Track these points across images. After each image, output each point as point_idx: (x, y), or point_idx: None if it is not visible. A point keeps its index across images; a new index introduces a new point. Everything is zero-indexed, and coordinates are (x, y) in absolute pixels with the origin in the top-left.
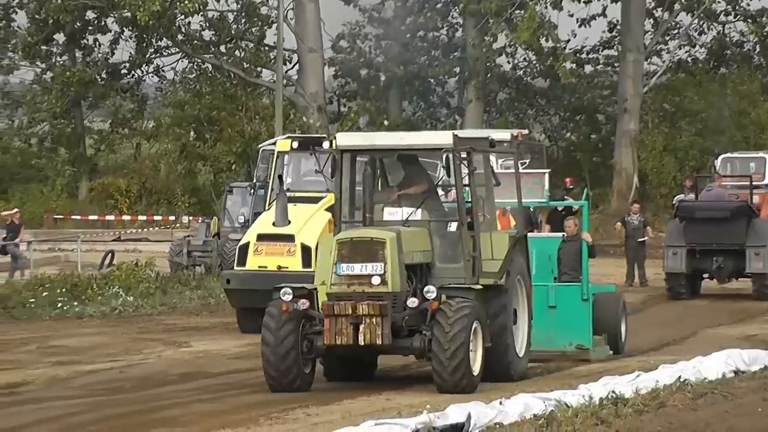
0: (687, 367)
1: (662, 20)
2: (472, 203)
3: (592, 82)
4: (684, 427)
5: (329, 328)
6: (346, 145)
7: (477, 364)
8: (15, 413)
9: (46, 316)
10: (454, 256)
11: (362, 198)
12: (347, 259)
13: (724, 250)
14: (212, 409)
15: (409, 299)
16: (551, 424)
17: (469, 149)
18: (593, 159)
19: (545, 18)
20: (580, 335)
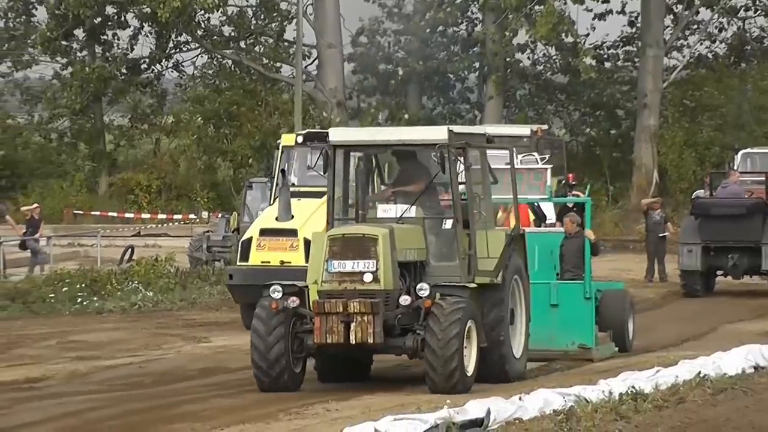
0: (707, 362)
1: (682, 15)
2: (467, 200)
3: (612, 78)
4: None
5: (320, 327)
6: (338, 141)
7: (471, 364)
8: (35, 408)
9: (66, 311)
10: (450, 254)
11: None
12: (339, 256)
13: (739, 247)
14: (231, 404)
15: (402, 297)
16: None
17: (464, 145)
18: (613, 154)
19: (565, 13)
20: (583, 334)
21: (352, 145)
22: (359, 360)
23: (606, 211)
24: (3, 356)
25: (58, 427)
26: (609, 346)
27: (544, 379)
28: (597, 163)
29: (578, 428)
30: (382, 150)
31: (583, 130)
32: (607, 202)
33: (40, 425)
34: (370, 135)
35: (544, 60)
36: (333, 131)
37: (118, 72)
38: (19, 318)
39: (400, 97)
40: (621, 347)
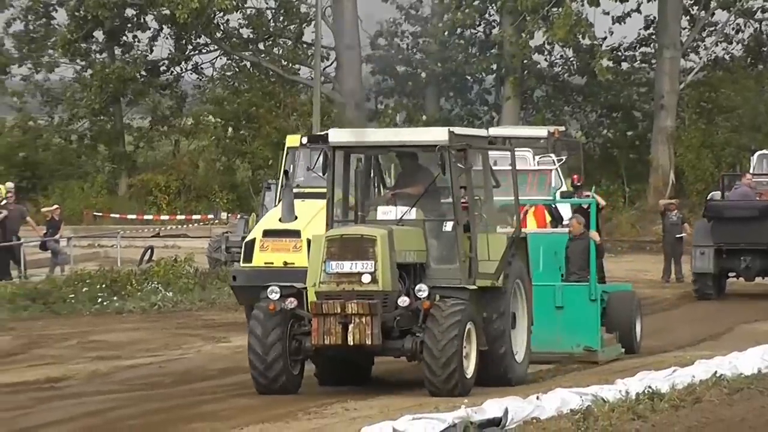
0: (723, 362)
1: (699, 17)
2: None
3: (629, 79)
4: (720, 422)
5: (317, 328)
6: (338, 142)
7: (471, 367)
8: (56, 407)
9: (86, 311)
10: (450, 257)
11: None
12: (337, 257)
13: (752, 250)
14: (251, 404)
15: (401, 298)
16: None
17: (465, 146)
18: (630, 155)
19: (582, 15)
20: (588, 336)
21: (352, 147)
22: (359, 362)
23: (623, 212)
24: (24, 356)
25: (79, 426)
26: (615, 348)
27: (561, 379)
28: (614, 165)
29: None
30: (383, 151)
31: (600, 132)
32: (624, 203)
33: (61, 425)
34: (369, 136)
35: (561, 62)
36: (332, 132)
37: (138, 74)
38: (40, 318)
39: (418, 99)
40: (629, 348)
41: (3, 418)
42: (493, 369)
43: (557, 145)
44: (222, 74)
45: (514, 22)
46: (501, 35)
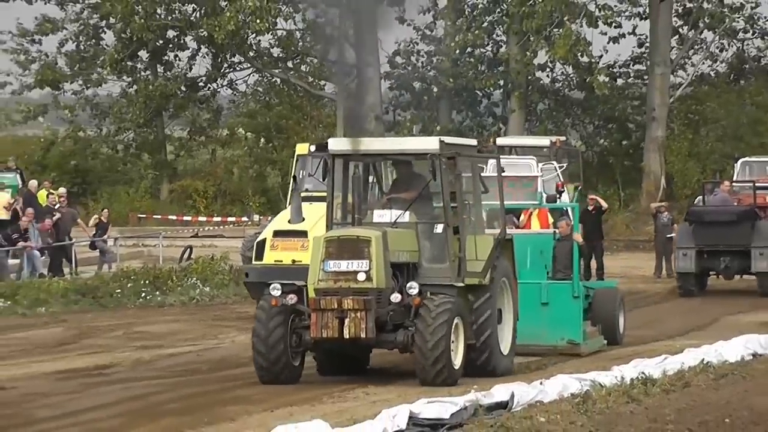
0: (710, 350)
1: (687, 37)
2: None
3: (624, 94)
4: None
5: (316, 322)
6: (337, 150)
7: (458, 358)
8: (103, 392)
9: (131, 305)
10: (441, 257)
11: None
12: (334, 257)
13: (730, 251)
14: (280, 389)
15: (393, 295)
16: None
17: (454, 154)
18: (624, 163)
19: (581, 35)
20: (571, 331)
21: (350, 155)
22: (356, 354)
23: (618, 214)
24: (75, 345)
25: (124, 409)
26: (598, 340)
27: (562, 366)
28: (610, 171)
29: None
30: (379, 159)
31: (598, 141)
32: (620, 206)
33: (108, 408)
34: (367, 145)
35: (562, 78)
36: (332, 141)
37: (178, 89)
38: (89, 311)
39: (432, 111)
40: (612, 340)
41: (56, 401)
42: (480, 361)
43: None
44: (254, 90)
45: (520, 42)
46: (507, 54)
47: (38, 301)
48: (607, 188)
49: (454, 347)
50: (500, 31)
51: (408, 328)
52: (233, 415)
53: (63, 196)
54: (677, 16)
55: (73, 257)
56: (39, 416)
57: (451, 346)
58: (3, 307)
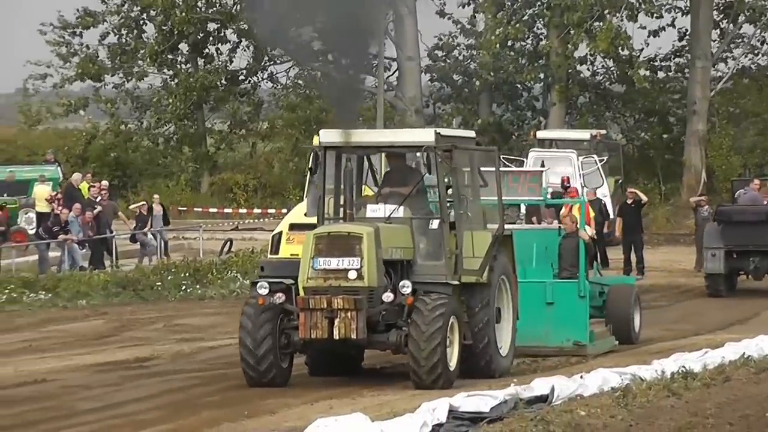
0: (750, 344)
1: (728, 31)
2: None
3: (664, 87)
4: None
5: (304, 322)
6: (328, 142)
7: (454, 359)
8: (144, 384)
9: (171, 297)
10: (436, 254)
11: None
12: (324, 254)
13: (760, 251)
14: (320, 382)
15: (385, 294)
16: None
17: (451, 147)
18: (665, 156)
19: (621, 29)
20: (577, 331)
21: (342, 147)
22: (349, 354)
23: (659, 208)
24: (115, 338)
25: (164, 402)
26: (608, 341)
27: (602, 360)
28: (651, 165)
29: (634, 404)
30: (372, 152)
31: (638, 135)
32: (660, 200)
33: (148, 400)
34: (359, 137)
35: (603, 71)
36: (323, 133)
37: (219, 82)
38: (129, 304)
39: (473, 105)
40: (626, 339)
41: (97, 394)
42: (478, 361)
43: (599, 147)
44: (295, 83)
45: (560, 35)
46: (548, 47)
47: (79, 293)
48: (648, 182)
49: (450, 348)
50: (541, 25)
51: (401, 328)
52: (273, 408)
53: (104, 189)
54: (717, 10)
55: (113, 250)
56: (80, 408)
57: (447, 346)
58: (44, 300)
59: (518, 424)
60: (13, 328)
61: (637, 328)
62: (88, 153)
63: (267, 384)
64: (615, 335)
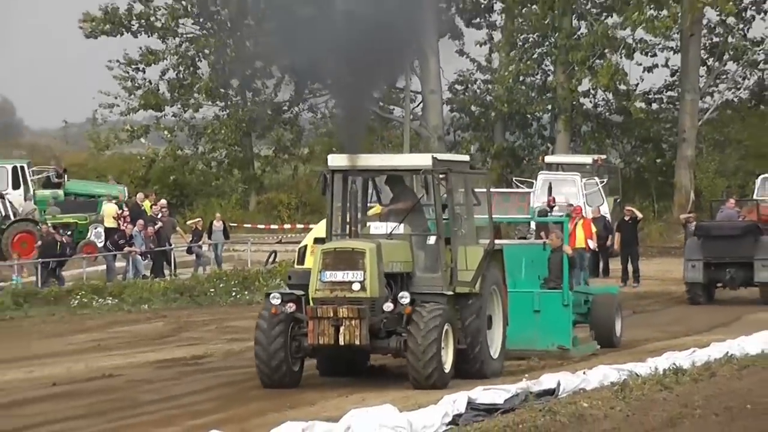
0: (733, 344)
1: (714, 68)
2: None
3: (658, 117)
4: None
5: (313, 329)
6: (336, 166)
7: (448, 362)
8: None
9: (223, 302)
10: (433, 267)
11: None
12: (330, 267)
13: (735, 263)
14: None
15: (386, 304)
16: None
17: (446, 170)
18: (658, 178)
19: (620, 66)
20: (561, 337)
21: (348, 170)
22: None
23: (653, 224)
24: (173, 338)
25: (217, 394)
26: (590, 345)
27: (603, 358)
28: (645, 186)
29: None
30: (376, 174)
31: (635, 159)
32: (654, 217)
33: (202, 393)
34: (363, 161)
35: (603, 103)
36: (332, 158)
37: (265, 113)
38: (186, 308)
39: (488, 132)
40: (609, 343)
41: (157, 387)
42: (471, 364)
43: (600, 170)
44: (332, 113)
45: (566, 71)
46: (555, 82)
47: (142, 299)
48: (643, 201)
49: (445, 352)
50: (548, 62)
51: (401, 334)
52: (312, 400)
53: (164, 207)
54: (705, 50)
55: (172, 260)
56: (143, 400)
57: (442, 351)
58: (111, 305)
59: (528, 415)
60: (84, 329)
61: (619, 333)
62: (150, 175)
63: (279, 385)
64: (598, 340)
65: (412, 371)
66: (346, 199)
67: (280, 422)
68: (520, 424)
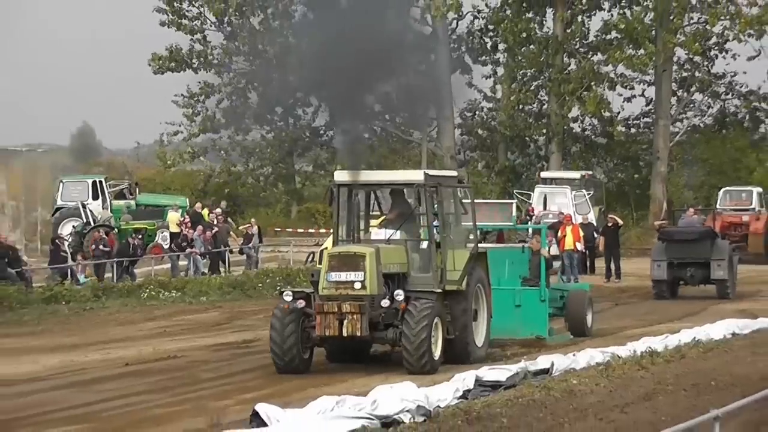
0: (700, 331)
1: (683, 98)
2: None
3: (636, 140)
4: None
5: (320, 323)
6: (341, 181)
7: (437, 350)
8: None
9: (269, 295)
10: (426, 268)
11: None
12: (335, 269)
13: (694, 263)
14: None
15: (383, 300)
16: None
17: (436, 184)
18: (636, 191)
19: (604, 96)
20: (539, 328)
21: (352, 184)
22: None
23: (632, 229)
24: (228, 325)
25: (265, 373)
26: (564, 336)
27: (590, 343)
28: (625, 197)
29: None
30: (376, 188)
31: (616, 175)
32: (633, 223)
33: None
34: (365, 176)
35: (590, 128)
36: (337, 173)
37: (304, 135)
38: (238, 300)
39: (493, 152)
40: (581, 333)
41: (214, 367)
42: (458, 352)
43: (587, 184)
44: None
45: (558, 101)
46: (549, 110)
47: (201, 292)
48: (623, 210)
49: (435, 342)
50: (544, 93)
51: (397, 327)
52: (343, 378)
53: (220, 215)
54: (675, 83)
55: (227, 260)
56: (202, 377)
57: (432, 341)
58: (175, 297)
59: (527, 390)
60: (152, 318)
61: (590, 324)
62: (208, 188)
63: (292, 371)
64: (572, 331)
65: (406, 358)
66: (350, 209)
67: (317, 396)
68: (520, 398)
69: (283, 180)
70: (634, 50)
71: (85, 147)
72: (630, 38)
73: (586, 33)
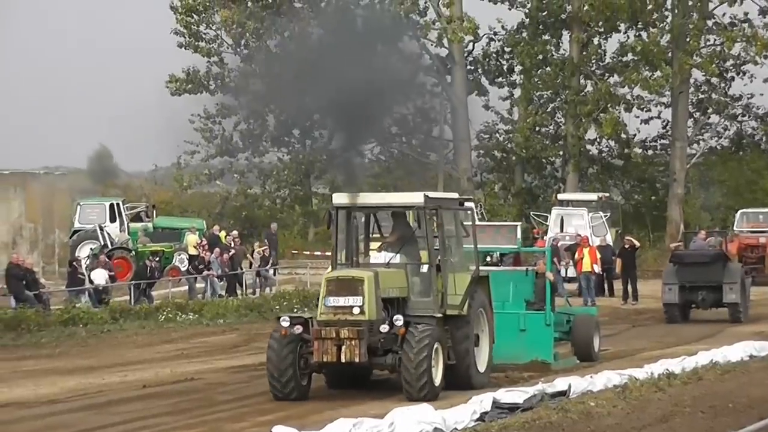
0: (717, 353)
1: (700, 120)
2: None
3: (653, 162)
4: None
5: (318, 348)
6: (340, 203)
7: (438, 377)
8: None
9: None
10: (426, 292)
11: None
12: (333, 293)
13: (706, 286)
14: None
15: (382, 326)
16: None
17: (437, 207)
18: (653, 213)
19: (620, 118)
20: (544, 353)
21: (350, 207)
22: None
23: (648, 251)
24: (245, 348)
25: None
26: (570, 360)
27: (607, 365)
28: (642, 219)
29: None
30: (374, 211)
31: (633, 197)
32: (649, 245)
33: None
34: (363, 199)
35: (607, 149)
36: (336, 196)
37: (321, 157)
38: (255, 322)
39: (510, 174)
40: (587, 358)
41: (231, 389)
42: (460, 378)
43: (604, 206)
44: (377, 157)
45: (575, 123)
46: (566, 131)
47: (218, 314)
48: (640, 231)
49: (435, 368)
50: (560, 115)
51: (396, 352)
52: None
53: (236, 237)
54: (692, 105)
55: (243, 282)
56: (219, 400)
57: (432, 367)
58: (192, 319)
59: (544, 412)
60: (170, 340)
61: (597, 348)
62: (224, 211)
63: (290, 398)
64: (578, 355)
65: (405, 385)
66: (349, 233)
67: (334, 419)
68: (537, 421)
69: (300, 202)
70: (651, 72)
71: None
72: (646, 60)
73: (602, 55)
